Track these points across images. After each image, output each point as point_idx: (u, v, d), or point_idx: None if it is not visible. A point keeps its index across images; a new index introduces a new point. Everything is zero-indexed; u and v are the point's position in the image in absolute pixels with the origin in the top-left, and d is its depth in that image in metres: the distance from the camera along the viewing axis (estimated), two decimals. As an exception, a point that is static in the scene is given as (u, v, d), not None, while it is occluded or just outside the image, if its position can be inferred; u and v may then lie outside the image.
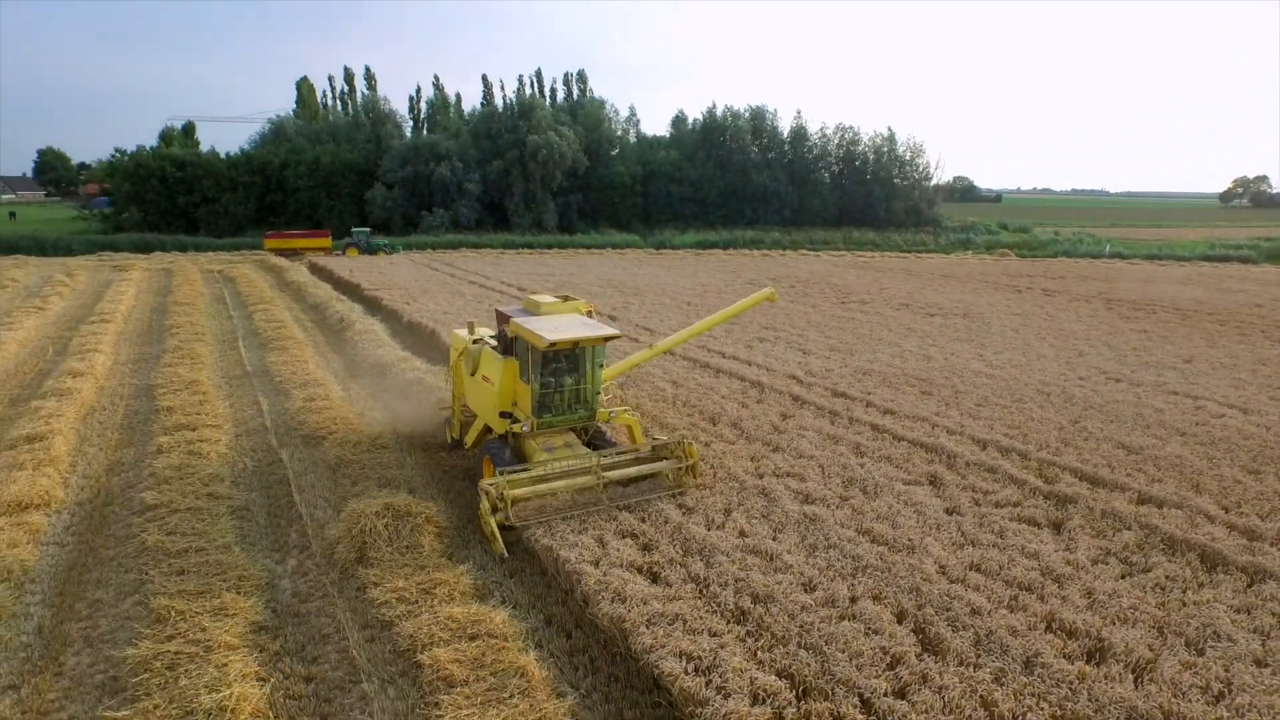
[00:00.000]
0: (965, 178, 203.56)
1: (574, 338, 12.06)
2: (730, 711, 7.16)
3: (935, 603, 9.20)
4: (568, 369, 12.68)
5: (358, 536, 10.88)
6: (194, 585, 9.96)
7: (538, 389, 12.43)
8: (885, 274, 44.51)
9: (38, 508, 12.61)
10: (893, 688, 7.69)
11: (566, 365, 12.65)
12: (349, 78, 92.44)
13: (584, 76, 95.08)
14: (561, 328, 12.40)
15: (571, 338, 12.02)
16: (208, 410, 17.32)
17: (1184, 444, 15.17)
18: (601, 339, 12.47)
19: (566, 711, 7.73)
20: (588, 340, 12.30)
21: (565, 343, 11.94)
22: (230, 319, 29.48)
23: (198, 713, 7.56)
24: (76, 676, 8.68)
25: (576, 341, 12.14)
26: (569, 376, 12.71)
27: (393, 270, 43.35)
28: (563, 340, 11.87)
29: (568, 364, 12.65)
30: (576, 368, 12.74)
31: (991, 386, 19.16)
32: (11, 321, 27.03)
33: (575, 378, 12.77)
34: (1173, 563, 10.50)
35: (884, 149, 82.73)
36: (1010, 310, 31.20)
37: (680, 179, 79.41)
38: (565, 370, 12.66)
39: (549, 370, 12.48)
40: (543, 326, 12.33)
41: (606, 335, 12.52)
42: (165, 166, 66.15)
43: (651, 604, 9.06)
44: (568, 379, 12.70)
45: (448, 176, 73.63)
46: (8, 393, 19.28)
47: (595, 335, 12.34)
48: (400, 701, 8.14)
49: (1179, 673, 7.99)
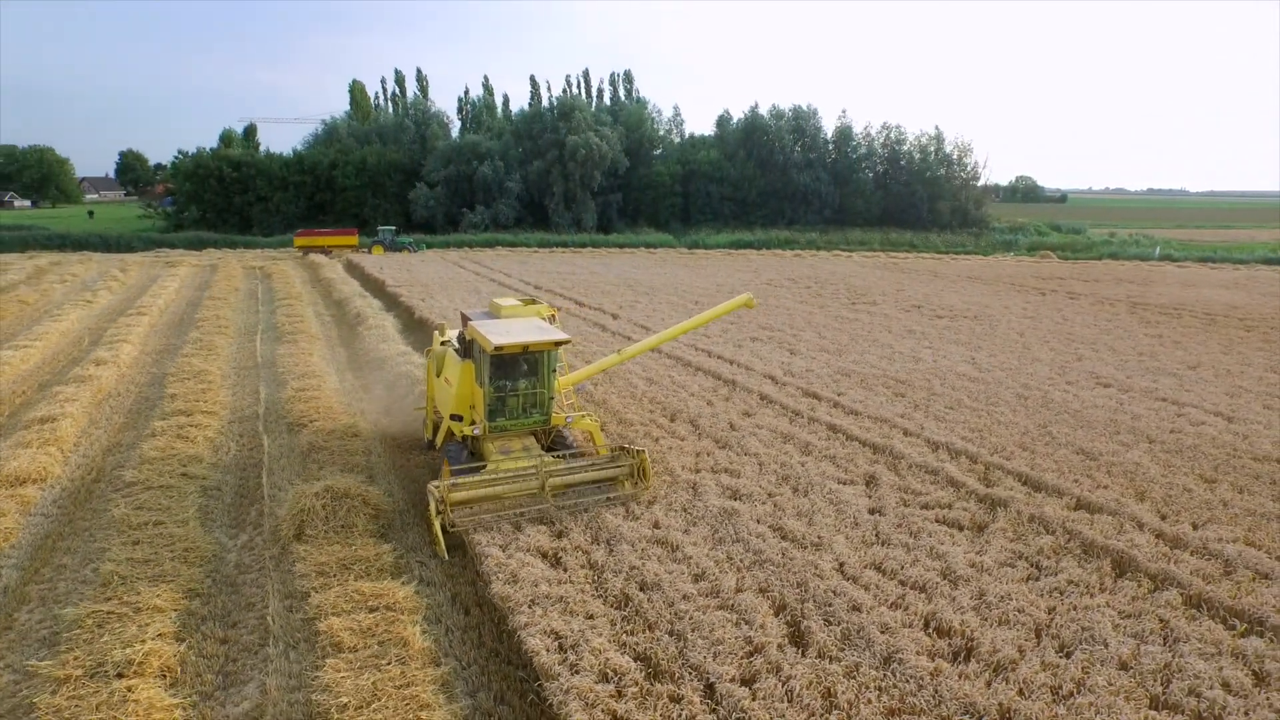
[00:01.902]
0: (1028, 178, 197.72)
1: (523, 342, 12.06)
2: (573, 686, 7.62)
3: (817, 598, 9.46)
4: (523, 373, 12.68)
5: (298, 515, 11.67)
6: (142, 554, 10.88)
7: (490, 393, 12.47)
8: (910, 275, 43.92)
9: (34, 482, 13.80)
10: (742, 675, 8.01)
11: (521, 369, 12.63)
12: (400, 80, 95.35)
13: (630, 77, 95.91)
14: (512, 332, 12.42)
15: (520, 342, 12.04)
16: (208, 398, 18.50)
17: (1148, 451, 14.91)
18: (551, 344, 12.44)
19: (436, 679, 8.31)
20: (536, 345, 12.24)
21: (513, 347, 11.98)
22: (257, 313, 31.07)
23: (108, 664, 8.39)
24: (23, 631, 9.63)
25: (525, 346, 12.12)
26: (523, 381, 12.69)
27: (421, 268, 44.78)
28: (509, 345, 11.91)
29: (523, 368, 12.64)
30: (533, 372, 12.74)
31: (970, 389, 19.03)
32: (60, 314, 29.08)
33: (530, 382, 12.75)
34: (1082, 568, 10.50)
35: (930, 148, 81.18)
36: (1024, 313, 30.58)
37: (720, 178, 79.48)
38: (519, 374, 12.65)
39: (501, 374, 12.49)
40: (493, 330, 12.42)
41: (556, 340, 12.49)
42: (222, 167, 69.57)
43: (541, 586, 9.57)
44: (521, 383, 12.69)
45: (489, 176, 75.33)
46: (39, 379, 20.91)
47: (544, 340, 12.32)
48: (296, 664, 8.83)
49: (1035, 673, 8.11)
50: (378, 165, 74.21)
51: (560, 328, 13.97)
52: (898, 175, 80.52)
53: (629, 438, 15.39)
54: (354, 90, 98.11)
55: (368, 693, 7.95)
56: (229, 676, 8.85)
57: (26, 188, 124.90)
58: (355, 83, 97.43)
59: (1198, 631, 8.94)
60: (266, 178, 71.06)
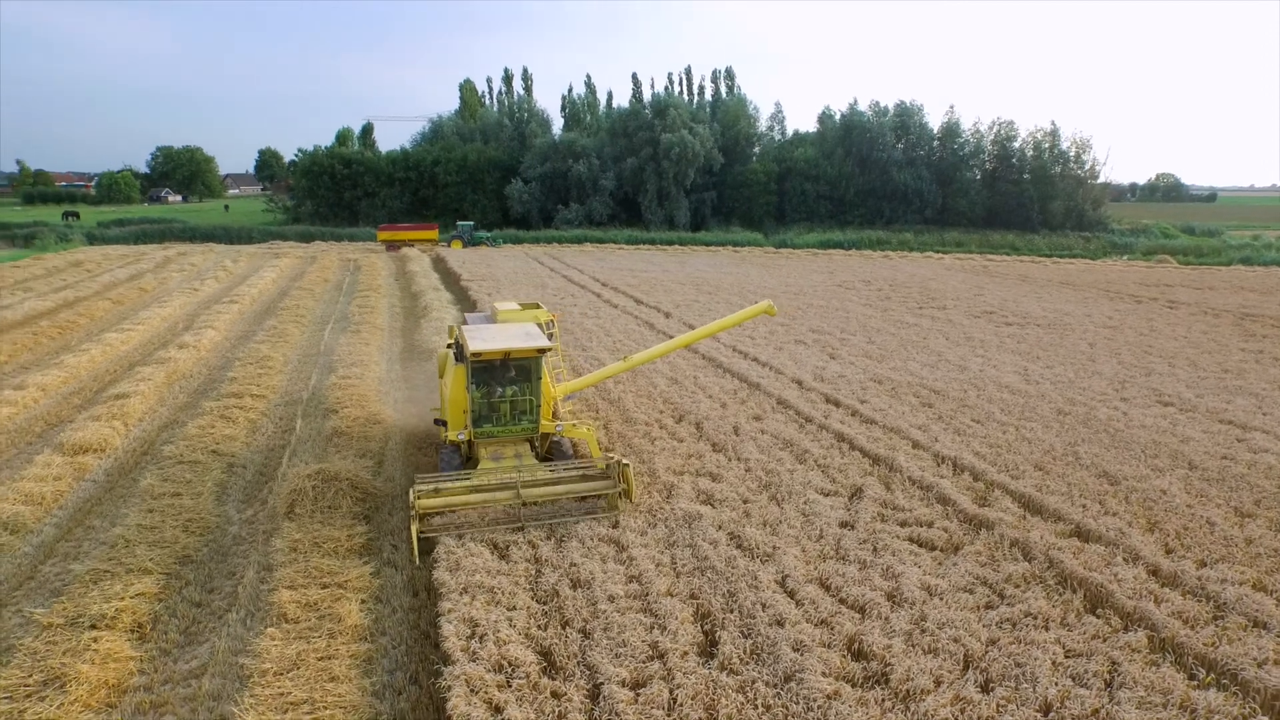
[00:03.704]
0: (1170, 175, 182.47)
1: (503, 349, 11.94)
2: (466, 673, 7.94)
3: (743, 609, 9.36)
4: (511, 379, 12.52)
5: (290, 495, 12.55)
6: (150, 522, 12.06)
7: (477, 398, 12.39)
8: (996, 280, 41.62)
9: (94, 451, 15.47)
10: (634, 679, 8.08)
11: (510, 375, 12.48)
12: (507, 78, 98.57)
13: (731, 73, 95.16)
14: (496, 337, 12.37)
15: (500, 348, 11.92)
16: (263, 383, 20.06)
17: (1182, 478, 13.71)
18: (533, 351, 12.20)
19: (359, 654, 8.86)
20: (518, 352, 12.05)
21: (492, 353, 11.89)
22: (336, 304, 33.18)
23: (87, 615, 9.42)
24: (41, 581, 10.90)
25: (507, 353, 11.99)
26: (511, 387, 12.53)
27: (499, 263, 46.36)
28: (489, 350, 11.83)
29: (511, 374, 12.48)
30: (524, 378, 12.55)
31: (1006, 402, 18.01)
32: (167, 301, 32.13)
33: (519, 389, 12.55)
34: (1048, 600, 9.86)
35: (1044, 145, 76.22)
36: (1106, 322, 28.43)
37: (816, 176, 77.70)
38: (507, 380, 12.51)
39: (487, 380, 12.38)
40: (477, 335, 12.42)
41: (538, 347, 12.24)
42: (335, 164, 74.31)
43: (478, 575, 9.95)
44: (509, 390, 12.53)
45: (584, 174, 76.80)
46: (131, 359, 23.24)
47: (525, 347, 12.10)
48: (247, 630, 9.58)
49: (941, 706, 7.72)
50: (477, 162, 77.12)
51: (554, 334, 14.20)
52: (1007, 173, 76.10)
53: (629, 437, 15.57)
54: (464, 89, 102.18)
55: (290, 661, 8.57)
56: (191, 636, 9.72)
57: (179, 184, 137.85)
58: (466, 81, 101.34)
59: (1149, 679, 8.23)
60: (374, 174, 75.38)
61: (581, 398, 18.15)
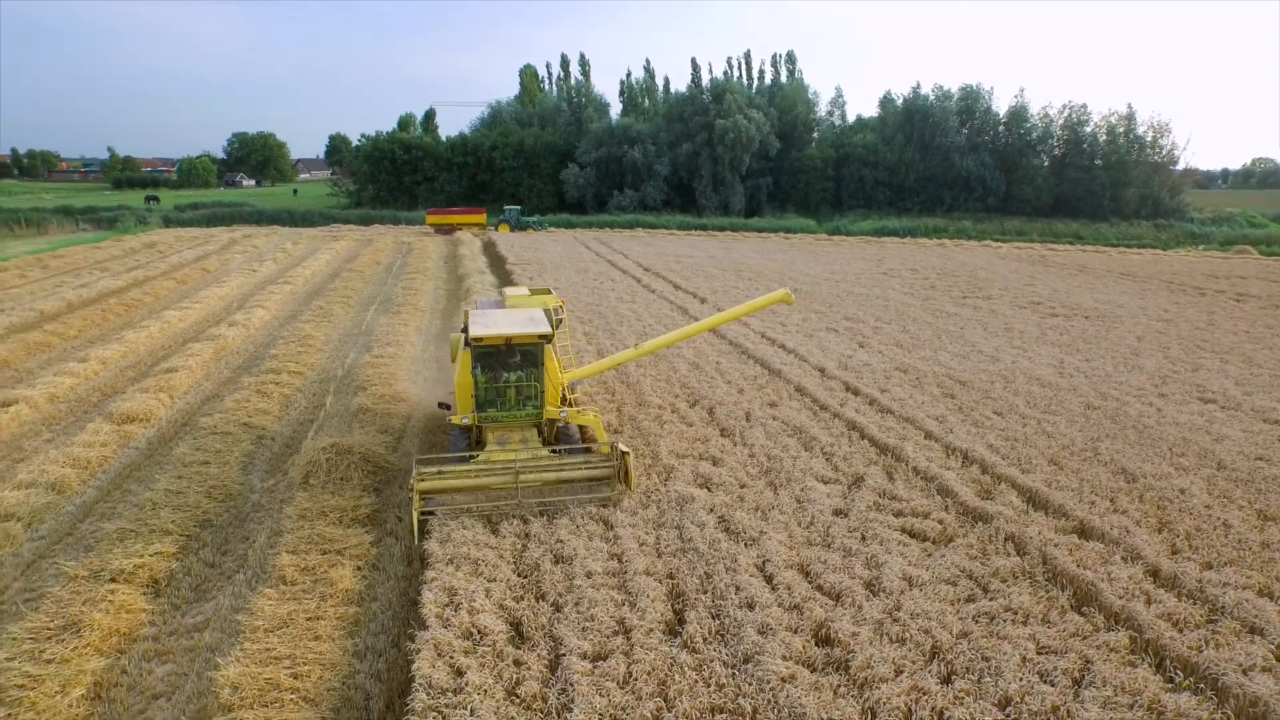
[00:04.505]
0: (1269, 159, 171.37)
1: (505, 334, 12.06)
2: (435, 638, 8.33)
3: (716, 591, 9.50)
4: (515, 364, 12.58)
5: (306, 466, 13.22)
6: (178, 487, 12.88)
7: (481, 382, 12.48)
8: (1053, 269, 40.10)
9: (140, 421, 16.52)
10: (595, 652, 8.33)
11: (514, 361, 12.55)
12: (564, 64, 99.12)
13: (793, 57, 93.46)
14: (498, 322, 12.55)
15: (502, 334, 12.05)
16: (303, 360, 20.98)
17: (1207, 478, 13.17)
18: (534, 337, 12.26)
19: (346, 616, 9.36)
20: (519, 338, 12.16)
21: (493, 338, 12.03)
22: (384, 285, 34.26)
23: (108, 569, 10.19)
24: (78, 538, 11.78)
25: (508, 338, 12.10)
26: (515, 373, 12.59)
27: (546, 247, 46.96)
28: (489, 335, 11.97)
29: (518, 359, 12.54)
30: (531, 364, 12.58)
31: (1032, 395, 17.52)
32: (226, 280, 33.72)
33: (523, 374, 12.60)
34: (1033, 596, 9.69)
35: (1119, 129, 72.68)
36: (1160, 315, 27.18)
37: (875, 163, 75.96)
38: (512, 366, 12.58)
39: (490, 364, 12.46)
40: (480, 320, 12.61)
41: (540, 333, 12.28)
42: (395, 149, 76.24)
43: (466, 547, 10.35)
44: (512, 375, 12.58)
45: (639, 159, 76.87)
46: (185, 336, 24.56)
47: (527, 333, 12.20)
48: (247, 589, 10.20)
49: (896, 695, 7.71)
50: (534, 147, 77.97)
51: (563, 319, 14.37)
52: (1077, 160, 72.87)
53: (639, 420, 15.77)
54: (524, 74, 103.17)
55: (280, 619, 9.12)
56: (200, 593, 10.42)
57: (253, 169, 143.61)
58: (527, 67, 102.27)
59: (1121, 679, 8.05)
60: (433, 159, 77.09)
61: (600, 380, 18.41)
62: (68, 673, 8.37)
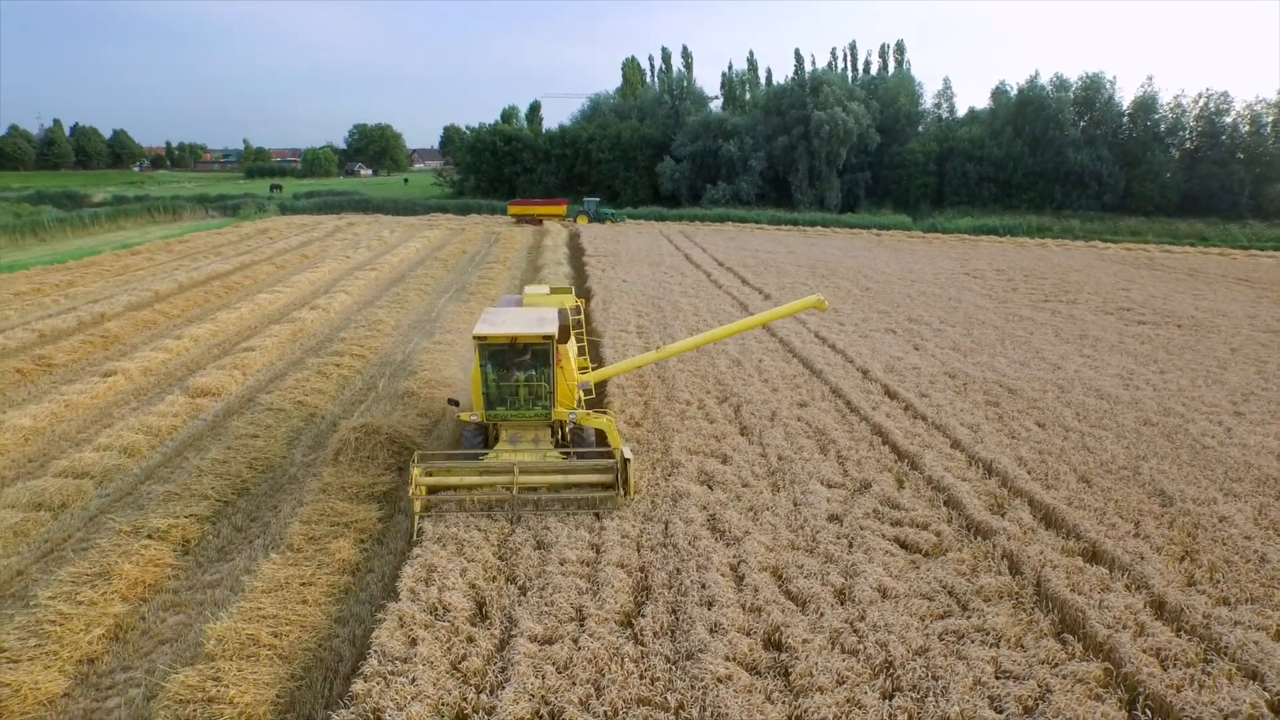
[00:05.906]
0: None
1: (510, 334, 12.02)
2: (401, 610, 8.92)
3: (680, 587, 9.64)
4: (526, 364, 12.45)
5: (337, 444, 14.20)
6: (225, 456, 14.12)
7: (490, 380, 12.42)
8: (1158, 273, 37.13)
9: (212, 395, 18.12)
10: (545, 635, 8.68)
11: (524, 360, 12.43)
12: (666, 56, 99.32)
13: (902, 47, 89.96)
14: (505, 322, 12.53)
15: (507, 333, 12.01)
16: (368, 344, 22.32)
17: (1258, 506, 12.17)
18: (539, 337, 12.10)
19: (338, 584, 10.13)
20: (524, 337, 12.08)
21: (497, 337, 12.01)
22: (464, 274, 35.70)
23: (147, 527, 11.38)
24: (136, 498, 13.10)
25: (513, 338, 12.06)
26: (525, 372, 12.46)
27: (628, 239, 47.48)
28: (493, 335, 11.97)
29: (527, 359, 12.42)
30: (541, 364, 12.40)
31: (1085, 407, 16.52)
32: (319, 266, 36.05)
33: (533, 373, 12.44)
34: (1013, 617, 9.33)
35: (1266, 118, 65.99)
36: (1267, 327, 24.79)
37: (980, 157, 72.22)
38: (522, 365, 12.47)
39: (499, 363, 12.39)
40: (489, 319, 12.64)
41: (545, 334, 12.09)
42: (495, 141, 78.77)
43: (456, 528, 10.93)
44: (522, 374, 12.45)
45: (734, 152, 76.24)
46: (271, 317, 26.52)
47: (533, 333, 12.08)
48: (260, 554, 11.14)
49: (831, 705, 7.63)
50: (631, 140, 78.66)
51: (580, 320, 14.59)
52: (1213, 153, 66.72)
53: (662, 415, 15.96)
54: (626, 67, 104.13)
55: (277, 583, 9.96)
56: (223, 554, 11.46)
57: (370, 159, 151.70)
58: (630, 59, 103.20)
59: (1079, 712, 7.67)
60: (532, 151, 79.16)
61: (638, 374, 18.68)
62: (94, 614, 9.47)
